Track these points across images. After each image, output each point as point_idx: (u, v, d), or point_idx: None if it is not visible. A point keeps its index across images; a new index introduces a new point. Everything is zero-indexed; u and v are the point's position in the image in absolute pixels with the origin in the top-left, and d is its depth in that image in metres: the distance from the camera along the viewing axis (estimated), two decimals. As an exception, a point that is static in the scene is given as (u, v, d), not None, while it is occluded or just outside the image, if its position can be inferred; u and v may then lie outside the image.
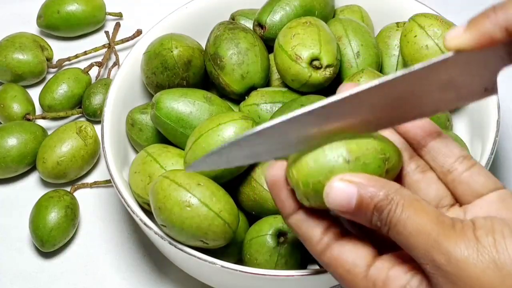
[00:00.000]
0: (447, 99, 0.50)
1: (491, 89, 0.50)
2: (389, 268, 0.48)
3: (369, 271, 0.48)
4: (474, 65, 0.49)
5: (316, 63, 0.70)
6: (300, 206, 0.50)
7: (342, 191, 0.47)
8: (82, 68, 0.86)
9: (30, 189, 0.80)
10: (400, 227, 0.46)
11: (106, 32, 0.91)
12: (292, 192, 0.50)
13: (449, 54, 0.48)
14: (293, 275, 0.60)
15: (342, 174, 0.47)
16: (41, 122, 0.84)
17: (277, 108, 0.70)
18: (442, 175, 0.52)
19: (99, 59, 0.89)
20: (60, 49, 0.91)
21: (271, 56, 0.75)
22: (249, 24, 0.78)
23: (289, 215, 0.50)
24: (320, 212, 0.50)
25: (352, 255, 0.48)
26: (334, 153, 0.48)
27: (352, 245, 0.49)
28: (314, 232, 0.49)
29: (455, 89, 0.49)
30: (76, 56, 0.88)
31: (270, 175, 0.50)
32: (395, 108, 0.49)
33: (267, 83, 0.75)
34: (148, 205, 0.66)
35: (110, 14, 0.93)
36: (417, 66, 0.47)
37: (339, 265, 0.48)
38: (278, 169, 0.50)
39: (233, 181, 0.67)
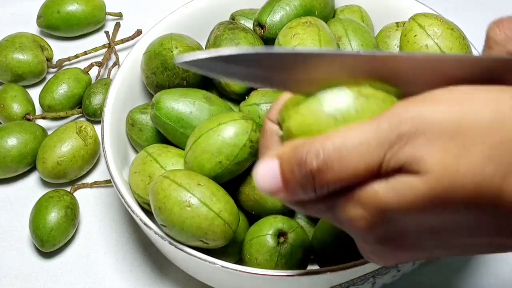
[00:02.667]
0: None
1: None
2: None
3: None
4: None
5: (316, 63, 0.70)
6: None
7: (265, 170, 0.43)
8: (82, 68, 0.86)
9: (30, 189, 0.80)
10: (347, 157, 0.40)
11: (106, 32, 0.91)
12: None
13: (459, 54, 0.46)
14: (293, 275, 0.60)
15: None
16: (41, 122, 0.84)
17: (277, 108, 0.70)
18: None
19: (99, 59, 0.89)
20: (60, 49, 0.91)
21: (271, 56, 0.75)
22: (249, 24, 0.78)
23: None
24: None
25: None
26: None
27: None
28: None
29: None
30: (76, 56, 0.88)
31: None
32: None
33: (267, 83, 0.75)
34: (148, 205, 0.66)
35: (110, 14, 0.93)
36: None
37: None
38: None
39: (233, 181, 0.67)
